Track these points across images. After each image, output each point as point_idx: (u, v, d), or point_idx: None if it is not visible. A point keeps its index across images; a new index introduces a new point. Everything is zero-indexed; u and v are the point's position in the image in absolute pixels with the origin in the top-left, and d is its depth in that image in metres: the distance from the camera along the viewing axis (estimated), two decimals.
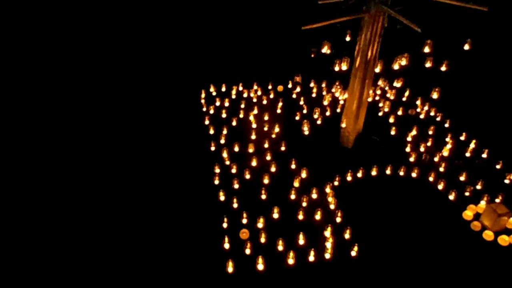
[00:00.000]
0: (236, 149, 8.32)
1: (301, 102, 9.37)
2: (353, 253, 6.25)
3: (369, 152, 7.98)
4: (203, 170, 7.81)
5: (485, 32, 9.71)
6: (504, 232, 6.39)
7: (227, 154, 8.17)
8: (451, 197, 7.06)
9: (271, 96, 9.74)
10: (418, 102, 8.79)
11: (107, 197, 7.30)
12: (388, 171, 7.62)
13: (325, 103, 9.22)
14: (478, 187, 7.15)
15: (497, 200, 6.85)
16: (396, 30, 7.32)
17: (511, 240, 6.24)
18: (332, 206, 6.96)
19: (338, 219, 6.73)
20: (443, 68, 6.77)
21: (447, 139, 8.07)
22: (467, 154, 7.87)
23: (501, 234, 6.34)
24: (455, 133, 8.12)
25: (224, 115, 9.32)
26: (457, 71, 7.61)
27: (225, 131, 8.78)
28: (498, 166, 7.52)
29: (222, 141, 8.58)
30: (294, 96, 9.62)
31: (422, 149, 8.00)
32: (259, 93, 9.89)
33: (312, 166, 7.58)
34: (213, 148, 8.41)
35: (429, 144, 8.04)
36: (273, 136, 8.65)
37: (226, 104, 9.69)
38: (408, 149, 7.99)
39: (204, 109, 9.53)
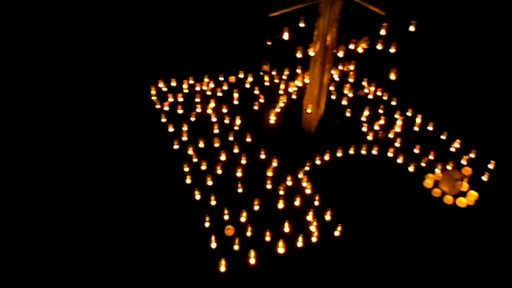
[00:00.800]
0: (201, 145, 8.09)
1: (257, 92, 9.37)
2: (337, 233, 6.50)
3: (332, 135, 8.29)
4: (171, 170, 7.49)
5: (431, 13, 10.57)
6: (461, 195, 7.10)
7: (193, 151, 7.92)
8: (411, 169, 7.64)
9: (225, 87, 9.60)
10: (365, 83, 9.31)
11: (80, 208, 6.69)
12: (351, 151, 8.00)
13: (283, 91, 9.34)
14: (431, 157, 7.82)
15: (449, 167, 7.58)
16: (349, 14, 7.57)
17: (468, 201, 6.96)
18: (308, 191, 7.13)
19: (317, 203, 6.93)
20: (392, 50, 7.22)
21: (397, 116, 8.68)
22: (416, 128, 8.55)
23: (458, 197, 7.04)
24: (402, 109, 8.75)
25: (180, 111, 8.98)
26: (405, 52, 8.18)
27: (185, 128, 8.48)
28: (443, 137, 8.28)
29: (185, 138, 8.28)
30: (248, 86, 9.57)
31: (376, 127, 8.52)
32: (211, 85, 9.69)
33: (281, 155, 7.67)
34: (176, 147, 8.09)
35: (382, 122, 8.57)
36: (236, 128, 8.56)
37: (180, 99, 9.35)
38: (364, 129, 8.44)
39: (158, 106, 9.10)
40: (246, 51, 10.92)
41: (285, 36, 7.15)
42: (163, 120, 8.73)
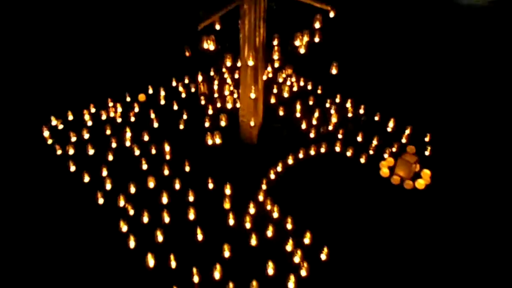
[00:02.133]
0: (133, 190, 6.66)
1: (176, 107, 8.14)
2: (324, 257, 5.90)
3: (276, 142, 7.60)
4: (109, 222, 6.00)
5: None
6: (417, 177, 7.12)
7: (127, 202, 6.46)
8: (362, 160, 7.42)
9: (136, 109, 8.15)
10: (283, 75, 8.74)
11: None
12: (300, 155, 7.45)
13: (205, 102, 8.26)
14: (375, 142, 7.69)
15: (393, 150, 7.54)
16: (272, 10, 6.83)
17: (425, 181, 7.01)
18: (276, 214, 6.35)
19: (290, 225, 6.22)
20: (317, 39, 6.76)
21: (327, 105, 8.35)
22: (349, 115, 8.34)
23: (416, 179, 7.05)
24: (331, 97, 8.43)
25: (91, 151, 7.30)
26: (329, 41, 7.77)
27: (105, 172, 6.90)
28: (376, 118, 8.21)
29: (109, 185, 6.73)
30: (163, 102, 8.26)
31: (314, 122, 8.08)
32: (119, 109, 8.13)
33: (230, 177, 6.69)
34: (101, 201, 6.51)
35: (316, 115, 8.15)
36: (168, 157, 7.28)
37: (86, 135, 7.63)
38: (304, 127, 7.92)
39: (59, 151, 7.27)
40: (148, 63, 9.46)
41: (206, 45, 6.09)
42: (72, 168, 6.97)
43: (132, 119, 8.11)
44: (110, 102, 8.32)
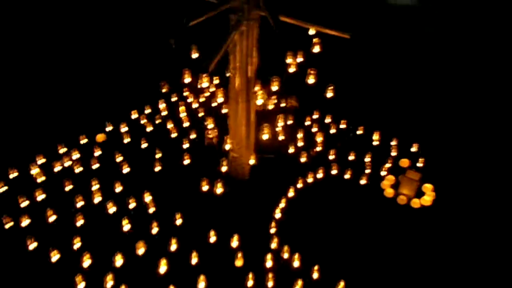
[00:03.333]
0: (120, 263, 5.45)
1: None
2: None
3: (270, 175, 6.85)
4: None
5: None
6: (420, 194, 6.89)
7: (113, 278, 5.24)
8: (363, 181, 7.02)
9: (97, 153, 6.82)
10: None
11: None
12: (299, 185, 6.82)
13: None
14: (367, 159, 7.32)
15: (387, 166, 7.23)
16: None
17: (430, 196, 6.79)
18: (296, 263, 5.63)
19: (316, 274, 5.55)
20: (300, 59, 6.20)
21: (307, 123, 7.79)
22: (333, 131, 7.87)
23: (420, 197, 6.82)
24: (308, 114, 7.87)
25: (52, 218, 5.90)
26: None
27: (77, 245, 5.60)
28: (359, 132, 7.82)
29: (87, 263, 5.44)
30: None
31: (300, 143, 7.48)
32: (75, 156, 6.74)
33: (233, 226, 5.82)
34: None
35: (301, 136, 7.55)
36: (152, 210, 6.15)
37: (40, 196, 6.19)
38: (291, 151, 7.25)
39: (8, 225, 5.77)
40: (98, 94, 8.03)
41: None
42: (32, 246, 5.51)
43: (95, 165, 6.74)
44: (61, 149, 6.83)
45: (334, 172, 7.11)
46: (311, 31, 6.27)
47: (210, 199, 6.24)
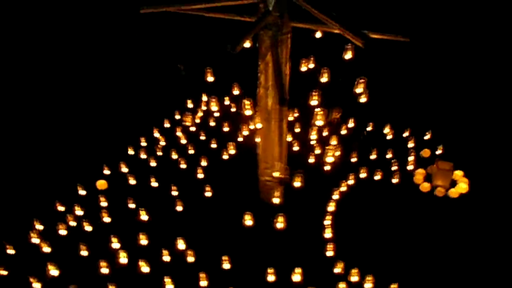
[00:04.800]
0: None
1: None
2: None
3: (306, 192, 6.36)
4: None
5: None
6: (454, 184, 6.75)
7: None
8: (395, 180, 6.77)
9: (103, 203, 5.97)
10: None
11: None
12: (336, 196, 6.43)
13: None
14: (389, 155, 7.11)
15: (411, 158, 7.04)
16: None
17: (465, 183, 6.68)
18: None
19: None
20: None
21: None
22: (344, 132, 7.56)
23: (455, 186, 6.69)
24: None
25: None
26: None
27: None
28: (369, 128, 7.57)
29: None
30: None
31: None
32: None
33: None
34: None
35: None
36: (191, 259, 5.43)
37: None
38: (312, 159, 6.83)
39: None
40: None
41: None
42: None
43: (106, 219, 5.85)
44: (59, 206, 5.87)
45: (363, 175, 6.77)
46: (318, 34, 5.90)
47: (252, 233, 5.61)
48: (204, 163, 6.81)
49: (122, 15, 8.75)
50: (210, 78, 5.60)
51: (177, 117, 7.56)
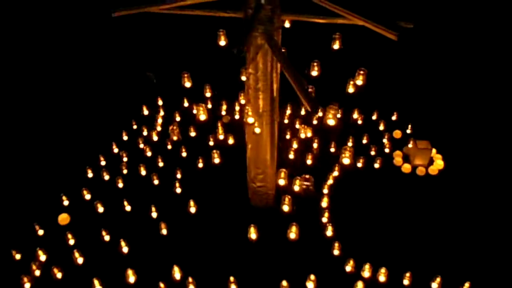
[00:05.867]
0: None
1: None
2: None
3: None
4: None
5: None
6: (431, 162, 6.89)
7: None
8: (377, 165, 6.78)
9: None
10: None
11: None
12: (326, 190, 6.25)
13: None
14: (364, 141, 7.09)
15: (385, 141, 7.08)
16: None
17: (440, 159, 6.88)
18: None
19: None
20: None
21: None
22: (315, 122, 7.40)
23: (432, 163, 6.84)
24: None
25: None
26: None
27: None
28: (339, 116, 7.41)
29: None
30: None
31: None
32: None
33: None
34: None
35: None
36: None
37: None
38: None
39: None
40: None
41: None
42: None
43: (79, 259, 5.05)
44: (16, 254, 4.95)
45: (346, 162, 6.66)
46: (287, 24, 5.55)
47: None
48: (178, 175, 6.20)
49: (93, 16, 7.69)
50: (188, 84, 4.97)
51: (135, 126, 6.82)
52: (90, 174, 6.25)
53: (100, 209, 5.75)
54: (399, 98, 7.84)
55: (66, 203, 5.86)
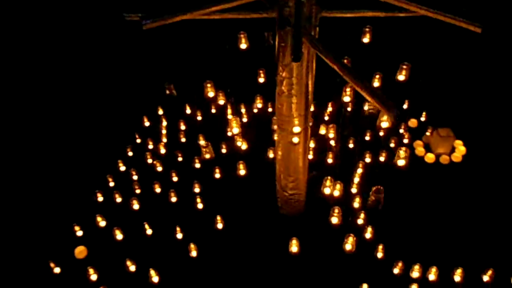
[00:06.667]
0: None
1: None
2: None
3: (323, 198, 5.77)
4: None
5: None
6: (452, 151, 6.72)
7: None
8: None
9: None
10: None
11: None
12: (354, 190, 5.98)
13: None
14: (367, 138, 6.82)
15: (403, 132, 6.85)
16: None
17: (461, 145, 6.71)
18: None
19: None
20: None
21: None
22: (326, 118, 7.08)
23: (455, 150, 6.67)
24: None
25: None
26: None
27: None
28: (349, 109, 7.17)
29: None
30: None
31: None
32: None
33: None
34: None
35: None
36: None
37: None
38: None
39: None
40: None
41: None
42: None
43: None
44: None
45: (368, 160, 6.41)
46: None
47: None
48: (197, 189, 5.78)
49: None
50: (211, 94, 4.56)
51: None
52: (100, 198, 5.74)
53: (119, 236, 5.27)
54: (408, 86, 7.61)
55: (80, 233, 5.33)
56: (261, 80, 5.94)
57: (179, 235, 5.26)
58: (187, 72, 7.10)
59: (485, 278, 4.88)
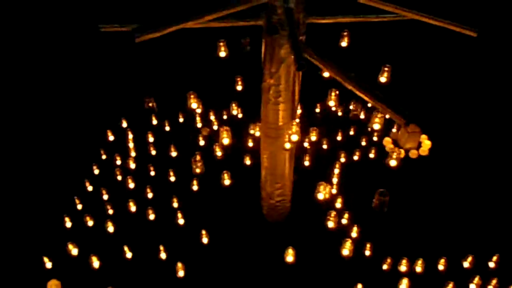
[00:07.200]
0: None
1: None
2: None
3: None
4: None
5: None
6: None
7: None
8: (371, 155, 6.74)
9: None
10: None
11: None
12: (334, 190, 6.05)
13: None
14: (351, 133, 7.01)
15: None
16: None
17: (426, 139, 7.02)
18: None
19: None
20: None
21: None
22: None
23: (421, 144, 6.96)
24: None
25: None
26: None
27: None
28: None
29: None
30: None
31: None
32: None
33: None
34: None
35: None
36: None
37: None
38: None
39: None
40: None
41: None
42: None
43: None
44: None
45: (342, 160, 6.52)
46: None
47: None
48: (175, 204, 5.52)
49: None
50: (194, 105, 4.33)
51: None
52: (68, 224, 5.27)
53: (96, 263, 4.87)
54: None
55: (49, 265, 4.84)
56: (239, 87, 5.78)
57: (163, 255, 4.95)
58: (165, 84, 6.75)
59: (466, 264, 5.13)
